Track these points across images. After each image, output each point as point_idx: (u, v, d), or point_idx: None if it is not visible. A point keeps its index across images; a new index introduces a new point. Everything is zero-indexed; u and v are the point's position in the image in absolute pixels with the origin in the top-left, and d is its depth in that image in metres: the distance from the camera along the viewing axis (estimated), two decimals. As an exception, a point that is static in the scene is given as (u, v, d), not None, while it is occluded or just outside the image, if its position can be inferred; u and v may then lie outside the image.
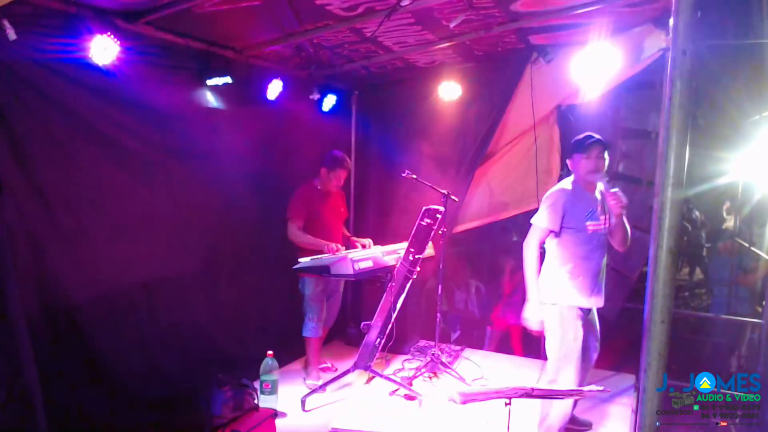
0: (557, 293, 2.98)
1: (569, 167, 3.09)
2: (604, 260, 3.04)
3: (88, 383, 2.86)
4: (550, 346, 3.01)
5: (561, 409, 3.00)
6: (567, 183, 3.06)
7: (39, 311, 2.67)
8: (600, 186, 2.92)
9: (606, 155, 2.97)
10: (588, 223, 2.94)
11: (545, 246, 3.10)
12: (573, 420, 3.26)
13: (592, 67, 3.53)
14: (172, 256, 3.41)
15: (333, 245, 3.67)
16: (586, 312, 3.02)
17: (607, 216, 2.93)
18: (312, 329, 3.92)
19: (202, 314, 3.64)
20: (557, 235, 2.99)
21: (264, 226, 4.10)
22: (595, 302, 3.01)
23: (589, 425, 3.41)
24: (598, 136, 2.98)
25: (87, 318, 2.89)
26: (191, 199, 3.50)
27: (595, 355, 3.19)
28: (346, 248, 3.99)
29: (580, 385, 3.01)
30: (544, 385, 3.00)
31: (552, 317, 3.00)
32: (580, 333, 2.95)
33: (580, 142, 3.01)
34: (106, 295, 3.01)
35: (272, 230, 4.09)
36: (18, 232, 2.56)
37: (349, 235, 4.23)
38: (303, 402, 3.58)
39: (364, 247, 4.01)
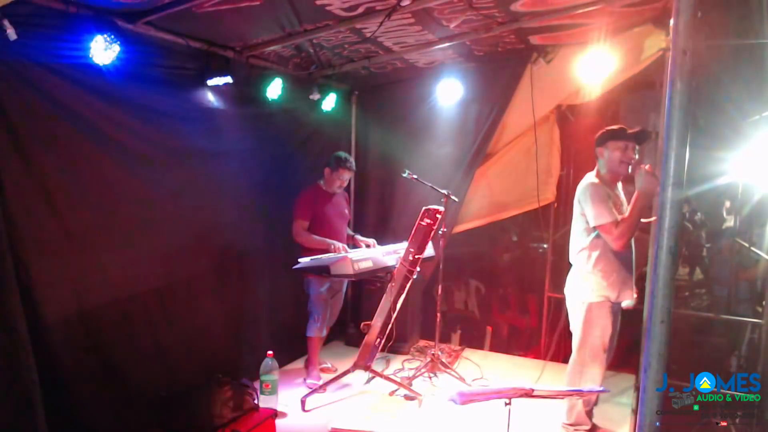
0: (586, 291, 2.99)
1: (598, 159, 3.04)
2: (633, 254, 3.04)
3: (89, 384, 2.86)
4: (575, 342, 3.04)
5: (587, 397, 3.04)
6: (593, 178, 3.01)
7: (47, 313, 2.66)
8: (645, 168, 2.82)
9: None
10: (619, 217, 2.91)
11: (574, 245, 3.08)
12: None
13: (592, 67, 3.54)
14: (175, 257, 3.40)
15: (339, 245, 3.67)
16: (617, 307, 3.02)
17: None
18: (317, 329, 3.93)
19: (202, 315, 3.64)
20: (594, 232, 2.94)
21: (265, 225, 4.10)
22: (625, 296, 3.00)
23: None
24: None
25: (93, 319, 2.89)
26: (192, 200, 3.50)
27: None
28: (351, 246, 4.01)
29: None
30: (572, 379, 3.03)
31: (580, 314, 3.01)
32: (609, 330, 2.96)
33: (616, 131, 2.98)
34: (115, 297, 3.01)
35: (273, 230, 4.10)
36: (27, 234, 2.55)
37: (353, 234, 4.24)
38: (303, 402, 3.59)
39: (368, 246, 4.01)
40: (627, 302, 3.04)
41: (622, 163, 2.96)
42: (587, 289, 2.99)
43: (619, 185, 3.11)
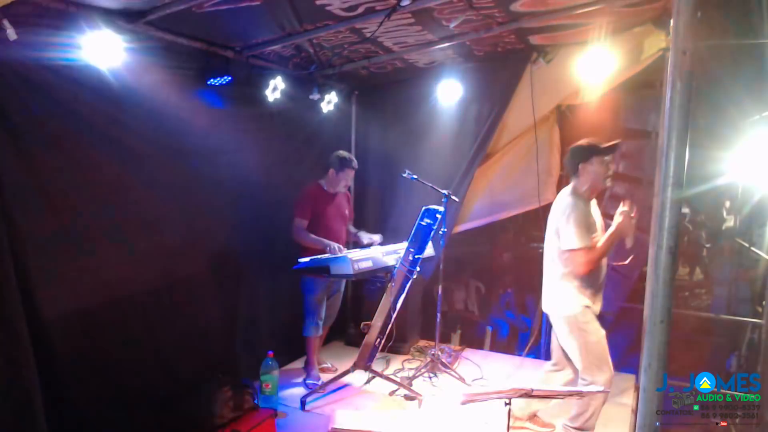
0: (568, 304, 2.96)
1: (578, 172, 2.96)
2: (605, 268, 3.03)
3: (89, 384, 2.86)
4: (576, 356, 2.99)
5: (598, 404, 3.01)
6: (569, 196, 2.96)
7: (48, 313, 2.65)
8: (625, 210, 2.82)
9: None
10: (594, 234, 2.90)
11: (549, 261, 3.05)
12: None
13: (592, 67, 3.54)
14: (175, 257, 3.40)
15: (336, 246, 3.67)
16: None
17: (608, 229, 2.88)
18: (313, 329, 3.93)
19: (202, 315, 3.64)
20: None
21: (264, 226, 4.10)
22: (598, 306, 3.00)
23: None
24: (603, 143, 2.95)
25: (93, 319, 2.89)
26: (192, 200, 3.49)
27: None
28: (356, 243, 4.02)
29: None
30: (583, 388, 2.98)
31: (569, 328, 2.98)
32: (602, 332, 2.94)
33: (599, 146, 2.92)
34: (114, 297, 3.01)
35: (273, 230, 4.09)
36: (26, 234, 2.55)
37: (356, 231, 4.24)
38: (303, 402, 3.59)
39: (372, 242, 4.03)
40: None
41: (606, 177, 2.94)
42: (568, 303, 2.97)
43: (593, 201, 3.06)
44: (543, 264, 3.12)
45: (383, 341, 3.86)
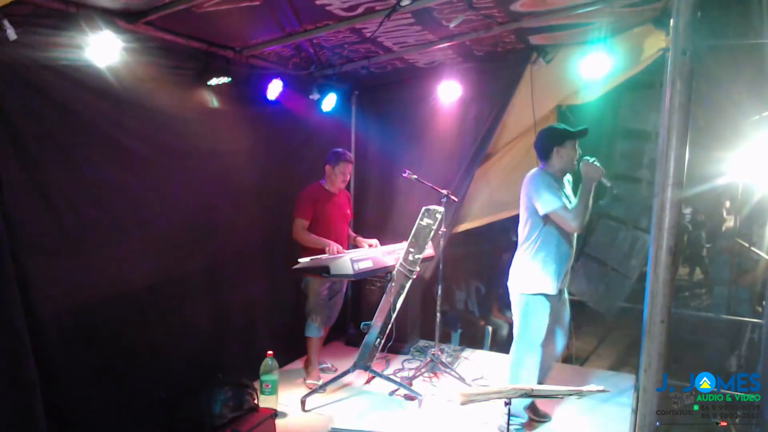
0: (526, 283, 3.07)
1: (553, 156, 3.09)
2: (574, 244, 3.13)
3: (87, 384, 2.86)
4: (515, 335, 3.14)
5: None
6: (538, 170, 3.12)
7: (45, 312, 2.66)
8: (587, 158, 2.96)
9: None
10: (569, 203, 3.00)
11: (520, 236, 3.17)
12: (534, 411, 3.37)
13: (592, 67, 3.54)
14: (175, 257, 3.41)
15: (334, 246, 3.67)
16: (555, 299, 3.09)
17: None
18: (315, 329, 3.92)
19: (202, 315, 3.64)
20: (544, 221, 3.02)
21: (264, 226, 4.10)
22: (563, 284, 3.11)
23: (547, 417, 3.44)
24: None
25: (92, 319, 2.89)
26: (192, 199, 3.50)
27: (562, 344, 3.30)
28: (354, 248, 4.01)
29: (544, 373, 3.17)
30: (512, 372, 3.15)
31: (518, 306, 3.11)
32: (545, 323, 3.05)
33: (565, 131, 3.07)
34: (113, 296, 3.01)
35: (273, 230, 4.10)
36: (24, 233, 2.55)
37: (355, 234, 4.23)
38: (303, 402, 3.59)
39: (371, 246, 4.01)
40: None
41: (575, 159, 3.08)
42: (526, 282, 3.07)
43: (567, 175, 3.20)
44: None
45: (383, 341, 3.86)
